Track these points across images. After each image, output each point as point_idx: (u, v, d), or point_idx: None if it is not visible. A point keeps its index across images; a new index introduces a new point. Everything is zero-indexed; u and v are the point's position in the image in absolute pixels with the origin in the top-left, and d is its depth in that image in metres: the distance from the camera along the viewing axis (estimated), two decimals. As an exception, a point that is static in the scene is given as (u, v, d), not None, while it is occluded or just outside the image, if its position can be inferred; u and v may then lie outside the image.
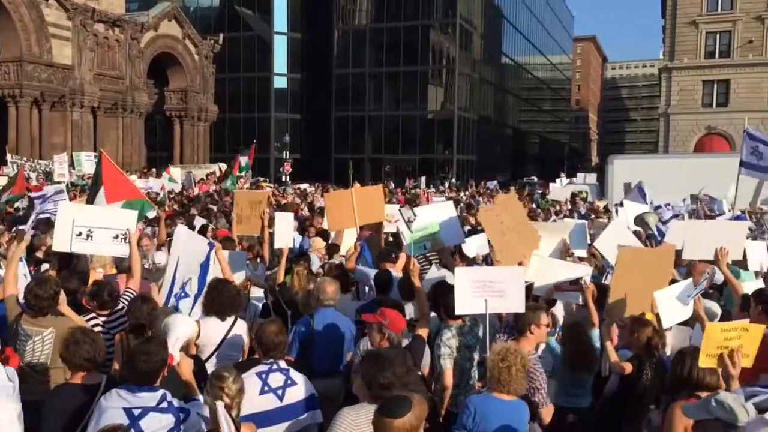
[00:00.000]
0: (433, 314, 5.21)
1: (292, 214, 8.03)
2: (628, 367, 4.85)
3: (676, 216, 12.46)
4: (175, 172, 28.48)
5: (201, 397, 3.63)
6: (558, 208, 18.40)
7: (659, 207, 14.17)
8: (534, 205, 19.25)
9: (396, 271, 6.32)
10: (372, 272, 6.36)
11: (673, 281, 5.64)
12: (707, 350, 3.83)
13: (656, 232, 10.19)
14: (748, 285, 7.03)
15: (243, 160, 22.75)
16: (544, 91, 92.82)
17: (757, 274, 7.30)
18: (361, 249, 7.14)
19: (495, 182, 34.23)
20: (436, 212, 6.62)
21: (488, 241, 6.53)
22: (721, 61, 45.48)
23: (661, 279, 5.29)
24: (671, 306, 5.00)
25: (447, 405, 4.95)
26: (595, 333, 5.44)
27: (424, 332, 4.90)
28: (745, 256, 7.13)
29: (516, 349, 3.97)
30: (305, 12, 63.50)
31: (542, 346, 5.23)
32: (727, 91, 45.52)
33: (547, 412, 4.61)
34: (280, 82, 64.42)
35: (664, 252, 5.98)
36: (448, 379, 4.98)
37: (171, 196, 20.46)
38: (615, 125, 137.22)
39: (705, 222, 7.66)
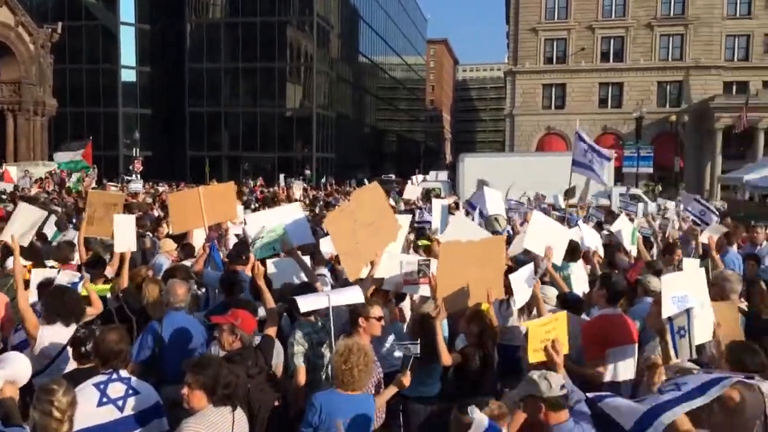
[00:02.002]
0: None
1: (133, 217, 7.67)
2: (456, 358, 5.10)
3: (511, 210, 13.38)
4: (12, 170, 26.15)
5: (27, 428, 3.36)
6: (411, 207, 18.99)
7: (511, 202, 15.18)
8: (393, 203, 19.74)
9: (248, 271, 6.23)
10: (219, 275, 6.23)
11: None
12: (533, 346, 4.11)
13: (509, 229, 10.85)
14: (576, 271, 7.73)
15: (67, 156, 21.03)
16: (400, 90, 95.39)
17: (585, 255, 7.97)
18: (210, 250, 6.95)
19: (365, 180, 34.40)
20: (282, 214, 6.60)
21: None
22: (558, 67, 49.24)
23: (493, 270, 5.46)
24: (521, 288, 5.34)
25: (300, 403, 4.97)
26: (443, 324, 5.71)
27: (272, 331, 4.90)
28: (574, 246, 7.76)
29: (359, 348, 4.04)
30: (154, 2, 60.52)
31: None
32: (563, 95, 49.38)
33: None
34: (128, 75, 60.90)
35: (492, 243, 6.18)
36: (301, 377, 5.01)
37: (3, 196, 18.78)
38: (467, 125, 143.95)
39: (548, 220, 8.25)
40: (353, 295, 4.96)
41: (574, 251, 7.56)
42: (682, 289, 4.54)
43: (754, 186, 24.87)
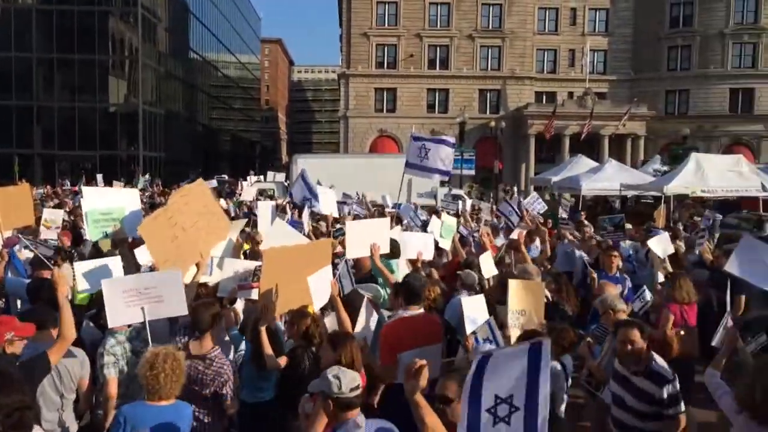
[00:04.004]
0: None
1: None
2: (283, 361, 5.14)
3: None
4: None
5: None
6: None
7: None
8: (225, 204, 19.26)
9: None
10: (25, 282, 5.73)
11: None
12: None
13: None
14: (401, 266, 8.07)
15: None
16: (235, 89, 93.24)
17: (413, 261, 8.30)
18: (10, 257, 6.36)
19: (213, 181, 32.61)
20: (123, 197, 6.18)
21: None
22: (388, 72, 50.92)
23: (318, 269, 5.52)
24: (319, 290, 5.45)
25: (111, 417, 4.73)
26: (280, 327, 5.72)
27: (56, 351, 4.26)
28: (394, 245, 8.09)
29: (167, 354, 3.92)
30: (-51, -18, 53.82)
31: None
32: (394, 99, 51.18)
33: (231, 406, 4.80)
34: None
35: (318, 245, 6.35)
36: (112, 389, 4.78)
37: None
38: (303, 126, 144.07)
39: (358, 222, 8.49)
40: (175, 308, 4.80)
41: (394, 250, 7.88)
42: (474, 313, 4.87)
43: (560, 186, 27.48)
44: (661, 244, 8.71)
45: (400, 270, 7.89)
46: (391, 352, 5.09)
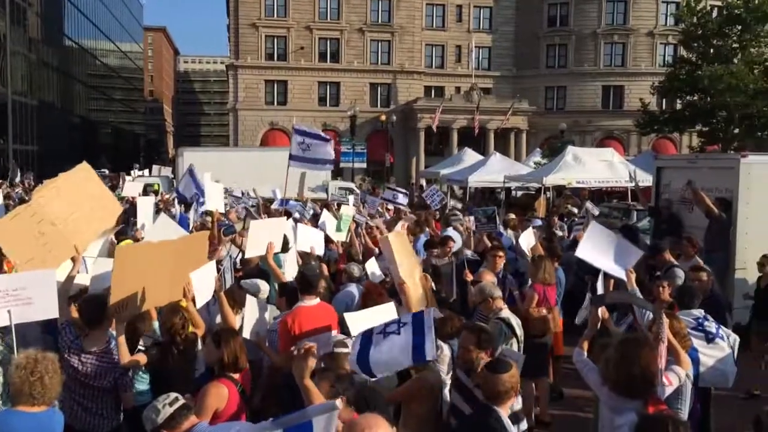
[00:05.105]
0: None
1: None
2: (143, 359, 5.00)
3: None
4: None
5: None
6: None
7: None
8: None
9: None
10: None
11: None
12: None
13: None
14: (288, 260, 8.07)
15: None
16: (115, 79, 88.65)
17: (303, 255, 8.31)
18: None
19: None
20: None
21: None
22: (279, 64, 50.24)
23: (194, 266, 5.34)
24: (201, 288, 5.35)
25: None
26: (156, 326, 5.57)
27: None
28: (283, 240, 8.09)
29: (45, 356, 3.76)
30: None
31: None
32: (285, 91, 50.59)
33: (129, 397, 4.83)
34: None
35: (194, 239, 6.18)
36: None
37: None
38: (190, 118, 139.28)
39: (260, 221, 8.47)
40: (47, 310, 4.55)
41: (284, 244, 7.90)
42: (374, 323, 4.87)
43: (449, 179, 28.31)
44: (526, 239, 9.20)
45: (287, 264, 7.92)
46: (292, 342, 5.09)
